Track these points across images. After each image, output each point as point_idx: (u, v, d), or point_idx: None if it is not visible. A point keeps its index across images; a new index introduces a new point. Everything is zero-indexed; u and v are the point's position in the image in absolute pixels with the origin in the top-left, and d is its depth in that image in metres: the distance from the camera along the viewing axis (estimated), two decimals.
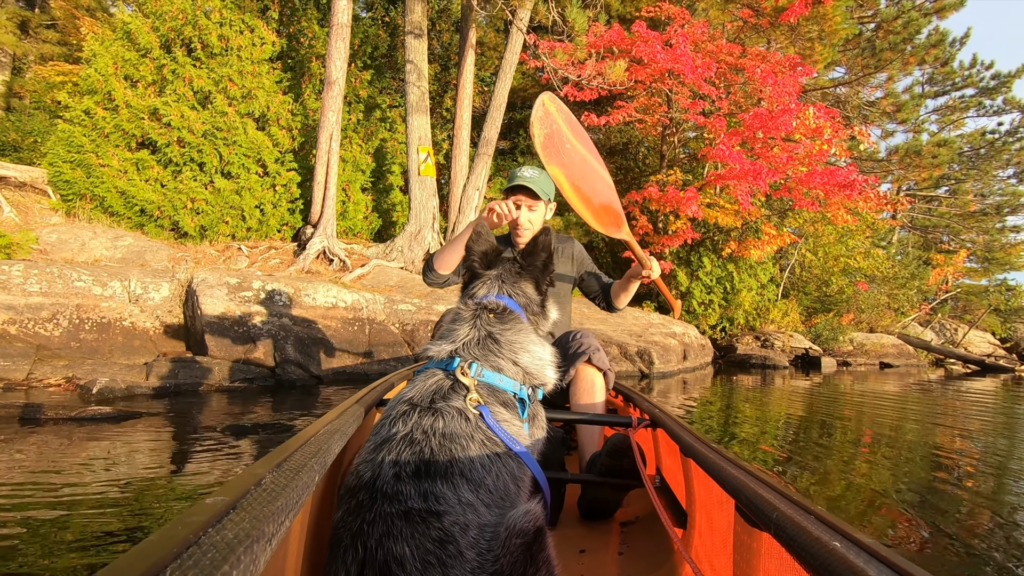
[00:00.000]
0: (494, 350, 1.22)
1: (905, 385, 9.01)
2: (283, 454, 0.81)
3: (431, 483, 0.90)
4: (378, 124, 10.42)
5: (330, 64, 7.64)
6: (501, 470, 1.02)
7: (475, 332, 1.25)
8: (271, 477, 0.71)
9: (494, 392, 1.15)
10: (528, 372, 1.24)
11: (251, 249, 7.90)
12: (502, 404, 1.14)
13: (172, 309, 4.74)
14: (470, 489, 0.93)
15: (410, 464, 0.93)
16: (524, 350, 1.25)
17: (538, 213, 2.13)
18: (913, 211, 20.55)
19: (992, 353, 16.72)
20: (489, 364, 1.19)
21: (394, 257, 8.74)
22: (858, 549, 0.59)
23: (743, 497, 0.83)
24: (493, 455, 1.03)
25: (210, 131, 7.92)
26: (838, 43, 11.54)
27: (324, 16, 10.01)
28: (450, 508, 0.89)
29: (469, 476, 0.95)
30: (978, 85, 19.54)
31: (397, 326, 5.43)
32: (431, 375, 1.15)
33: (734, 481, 0.89)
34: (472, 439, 1.02)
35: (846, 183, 9.71)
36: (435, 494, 0.89)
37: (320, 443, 0.92)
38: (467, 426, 1.03)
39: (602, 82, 8.99)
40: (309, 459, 0.82)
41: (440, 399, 1.07)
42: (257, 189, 8.25)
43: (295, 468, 0.77)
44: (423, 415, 1.02)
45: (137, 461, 2.47)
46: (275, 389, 4.36)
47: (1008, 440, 4.43)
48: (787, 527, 0.69)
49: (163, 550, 0.44)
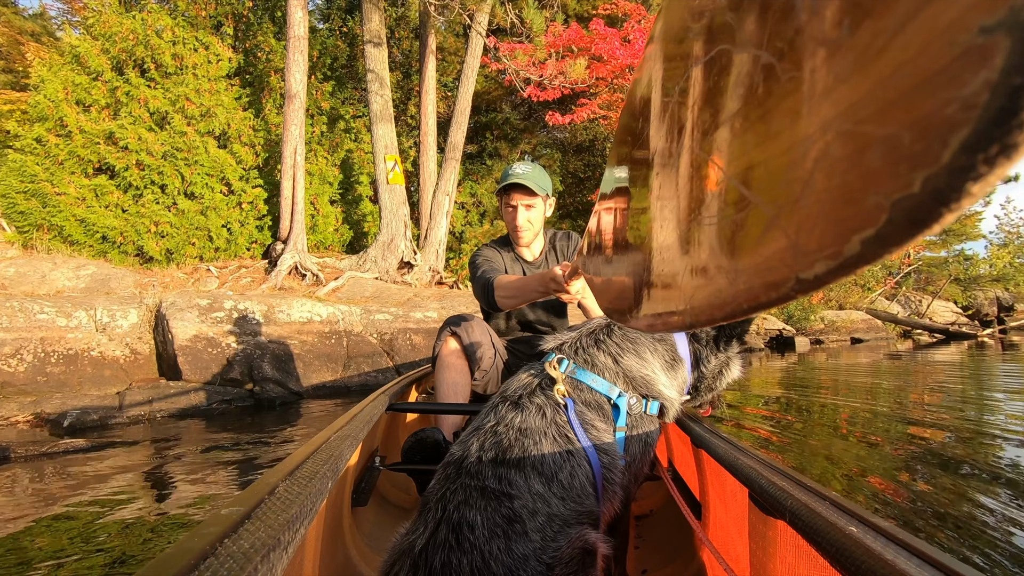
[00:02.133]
0: (600, 341, 1.19)
1: (876, 358, 9.29)
2: (295, 462, 0.82)
3: (506, 470, 0.97)
4: (343, 135, 10.34)
5: (289, 77, 7.55)
6: (576, 469, 1.02)
7: (599, 322, 1.23)
8: (284, 486, 0.72)
9: (580, 389, 1.12)
10: (630, 377, 1.15)
11: (221, 270, 7.76)
12: (584, 403, 1.11)
13: (142, 336, 4.63)
14: (541, 482, 0.97)
15: (491, 451, 1.00)
16: (632, 352, 1.18)
17: (536, 211, 2.03)
18: None
19: (955, 321, 17.33)
20: (585, 358, 1.16)
21: (368, 268, 8.67)
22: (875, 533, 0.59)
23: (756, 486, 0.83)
24: (565, 452, 1.03)
25: (170, 152, 7.76)
26: None
27: (280, 30, 9.90)
28: (520, 494, 0.95)
29: (540, 470, 0.99)
30: None
31: (375, 336, 5.40)
32: (529, 369, 1.18)
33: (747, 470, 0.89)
34: (545, 435, 1.04)
35: None
36: (508, 479, 0.96)
37: (332, 449, 0.94)
38: (542, 422, 1.05)
39: (564, 81, 9.08)
40: (321, 466, 0.83)
41: (526, 394, 1.10)
42: (223, 208, 8.11)
43: (308, 476, 0.78)
44: (509, 409, 1.08)
45: (115, 491, 2.42)
46: (254, 409, 4.29)
47: (977, 402, 4.62)
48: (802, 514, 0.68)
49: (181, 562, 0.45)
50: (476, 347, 1.91)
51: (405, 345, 5.34)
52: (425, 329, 5.63)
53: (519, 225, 2.00)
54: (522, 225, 2.01)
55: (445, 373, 1.88)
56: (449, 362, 1.88)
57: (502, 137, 14.09)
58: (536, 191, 1.95)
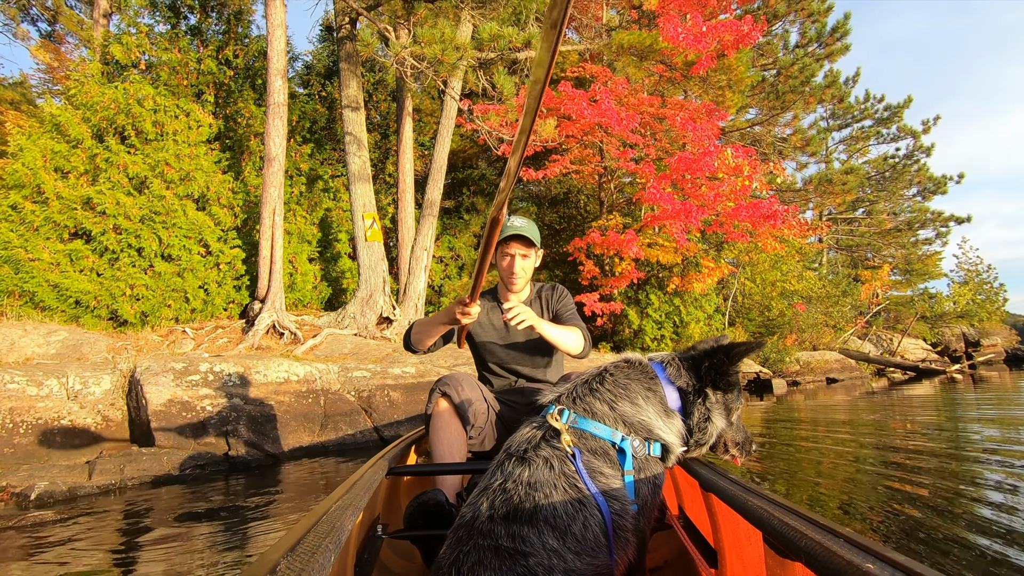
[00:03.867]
0: (594, 390, 1.20)
1: (852, 397, 9.46)
2: (296, 536, 0.81)
3: (519, 527, 0.96)
4: (321, 195, 10.54)
5: (269, 142, 7.78)
6: (589, 519, 1.01)
7: (593, 373, 1.24)
8: (286, 563, 0.69)
9: (584, 438, 1.13)
10: (628, 422, 1.17)
11: (197, 331, 7.69)
12: (591, 451, 1.11)
13: (115, 402, 4.54)
14: (555, 536, 0.96)
15: (502, 508, 0.99)
16: (626, 398, 1.19)
17: (530, 261, 2.21)
18: (837, 233, 22.09)
19: (925, 358, 17.77)
20: (583, 407, 1.17)
21: (346, 324, 8.67)
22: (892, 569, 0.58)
23: (769, 527, 0.81)
24: (576, 502, 1.02)
25: (148, 216, 7.82)
26: (746, 89, 12.65)
27: (260, 96, 10.24)
28: (535, 551, 0.93)
29: (553, 523, 0.97)
30: (874, 116, 21.64)
31: (353, 394, 5.38)
32: (531, 423, 1.19)
33: (758, 512, 0.87)
34: (555, 487, 1.03)
35: (769, 214, 10.44)
36: (522, 537, 0.95)
37: (333, 520, 0.92)
38: (551, 474, 1.04)
39: (535, 138, 9.48)
40: (323, 539, 0.81)
41: (531, 448, 1.10)
42: (200, 269, 8.13)
43: (309, 551, 0.76)
44: (516, 465, 1.07)
45: (84, 567, 2.35)
46: (229, 473, 4.20)
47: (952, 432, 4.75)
48: (818, 554, 0.67)
49: None
50: (468, 404, 1.94)
51: (383, 402, 5.32)
52: (403, 385, 5.63)
53: (515, 272, 2.16)
54: (518, 272, 2.17)
55: (440, 434, 1.89)
56: (442, 422, 1.90)
57: (479, 192, 14.47)
58: (533, 242, 2.16)
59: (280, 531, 2.70)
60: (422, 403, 5.41)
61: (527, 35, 6.56)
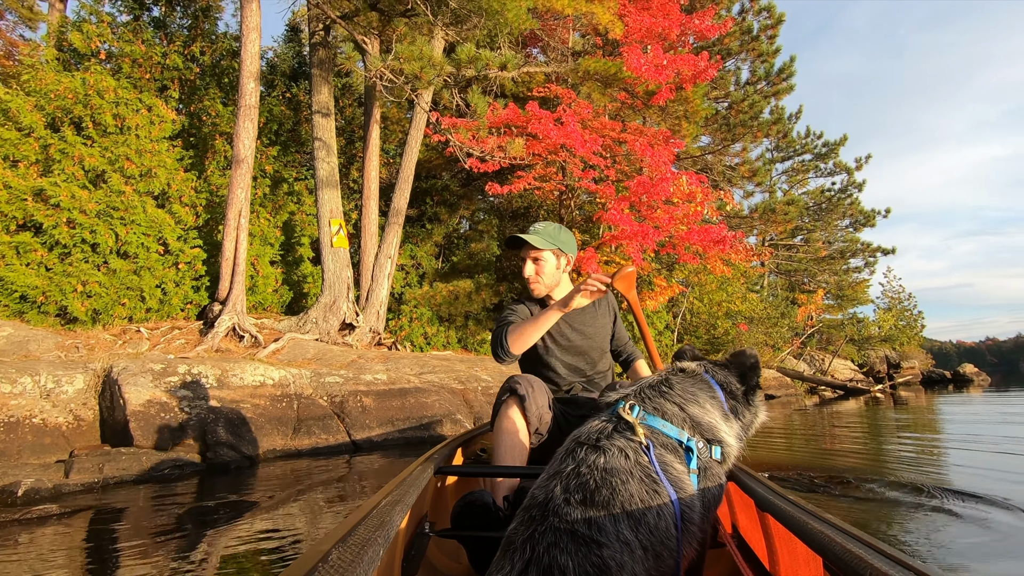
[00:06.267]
0: (663, 392, 1.25)
1: (787, 412, 10.16)
2: (347, 528, 0.83)
3: (595, 511, 0.97)
4: (286, 198, 10.46)
5: (238, 143, 7.72)
6: (663, 509, 1.03)
7: (656, 379, 1.30)
8: (337, 554, 0.72)
9: (656, 434, 1.16)
10: (697, 423, 1.21)
11: (151, 331, 7.50)
12: (663, 446, 1.14)
13: (87, 402, 4.44)
14: (630, 526, 0.97)
15: (578, 492, 1.00)
16: (695, 402, 1.24)
17: (545, 263, 2.12)
18: (777, 258, 23.46)
19: (853, 378, 19.10)
20: (653, 406, 1.21)
21: (308, 329, 8.64)
22: None
23: (831, 554, 0.77)
24: (652, 492, 1.04)
25: (105, 211, 7.59)
26: (700, 120, 13.44)
27: (227, 95, 10.10)
28: (609, 542, 0.94)
29: (629, 510, 0.99)
30: (813, 151, 23.24)
31: (325, 399, 5.44)
32: (599, 416, 1.22)
33: (819, 536, 0.83)
34: (632, 475, 1.05)
35: (719, 239, 11.11)
36: (598, 524, 0.95)
37: (382, 515, 0.94)
38: (626, 463, 1.07)
39: (503, 155, 9.78)
40: (373, 532, 0.83)
41: (605, 437, 1.12)
42: (158, 268, 7.93)
43: (360, 543, 0.78)
44: (588, 452, 1.09)
45: (67, 566, 2.39)
46: (207, 474, 4.22)
47: (876, 443, 5.29)
48: None
49: None
50: (538, 410, 1.90)
51: (356, 407, 5.40)
52: (376, 391, 5.73)
53: (527, 276, 2.13)
54: (529, 276, 2.13)
55: (504, 435, 1.86)
56: (509, 423, 1.87)
57: (442, 203, 14.64)
58: (539, 245, 2.07)
59: (264, 531, 2.81)
60: (394, 409, 5.52)
61: (503, 58, 6.86)
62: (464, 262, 14.02)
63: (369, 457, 4.81)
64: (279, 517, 3.02)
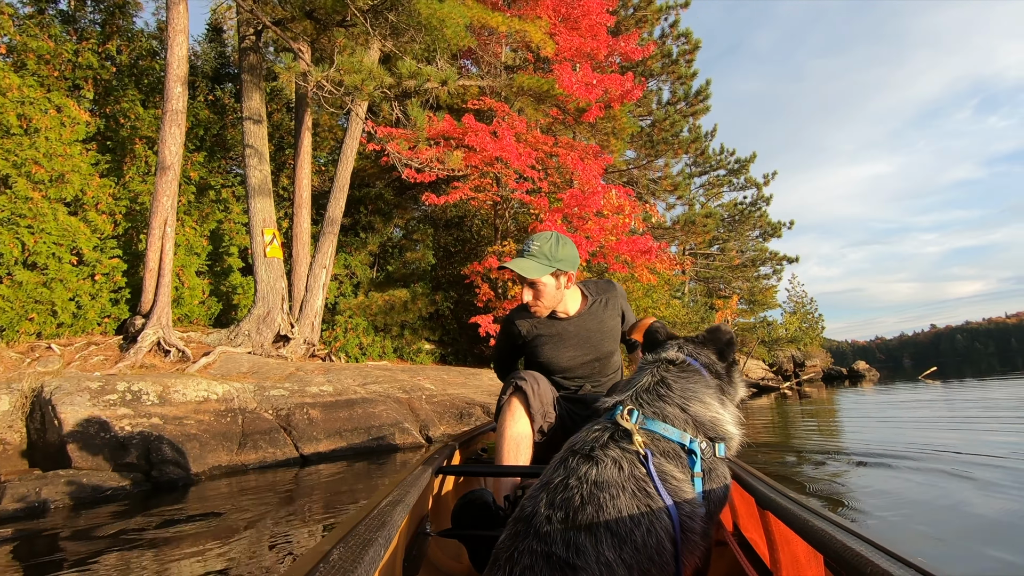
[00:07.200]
0: (662, 395, 1.19)
1: None
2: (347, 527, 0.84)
3: (575, 533, 0.93)
4: (212, 206, 10.04)
5: (164, 149, 7.38)
6: (654, 524, 0.98)
7: (649, 378, 1.23)
8: (338, 553, 0.72)
9: (656, 441, 1.10)
10: (699, 422, 1.16)
11: (64, 347, 6.98)
12: (663, 454, 1.08)
13: (13, 424, 4.11)
14: (612, 545, 0.93)
15: (560, 509, 0.96)
16: (696, 399, 1.19)
17: (544, 287, 1.98)
18: (697, 267, 25.01)
19: (764, 376, 20.68)
20: (652, 410, 1.15)
21: (240, 342, 8.35)
22: None
23: (832, 552, 0.77)
24: (645, 507, 0.98)
25: (9, 218, 7.01)
26: (627, 137, 14.23)
27: (148, 96, 9.59)
28: (586, 565, 0.90)
29: (615, 529, 0.94)
30: (727, 167, 25.05)
31: (271, 412, 5.32)
32: (595, 423, 1.17)
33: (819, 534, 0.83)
34: (623, 489, 0.99)
35: (646, 249, 11.80)
36: (576, 545, 0.91)
37: (383, 515, 0.94)
38: (620, 475, 1.01)
39: (440, 167, 9.91)
40: (374, 532, 0.83)
41: (599, 447, 1.07)
42: (72, 280, 7.41)
43: (361, 543, 0.78)
44: (581, 462, 1.04)
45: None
46: (152, 493, 4.04)
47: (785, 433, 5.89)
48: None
49: None
50: (542, 405, 1.86)
51: (303, 420, 5.32)
52: (322, 403, 5.66)
53: (527, 303, 2.02)
54: (529, 303, 2.02)
55: (507, 432, 1.82)
56: (513, 420, 1.83)
57: (376, 211, 14.51)
58: (534, 275, 1.93)
59: (214, 549, 2.81)
60: (341, 420, 5.47)
61: (444, 74, 7.03)
62: (399, 271, 13.96)
63: (318, 469, 4.78)
64: (229, 534, 3.02)
